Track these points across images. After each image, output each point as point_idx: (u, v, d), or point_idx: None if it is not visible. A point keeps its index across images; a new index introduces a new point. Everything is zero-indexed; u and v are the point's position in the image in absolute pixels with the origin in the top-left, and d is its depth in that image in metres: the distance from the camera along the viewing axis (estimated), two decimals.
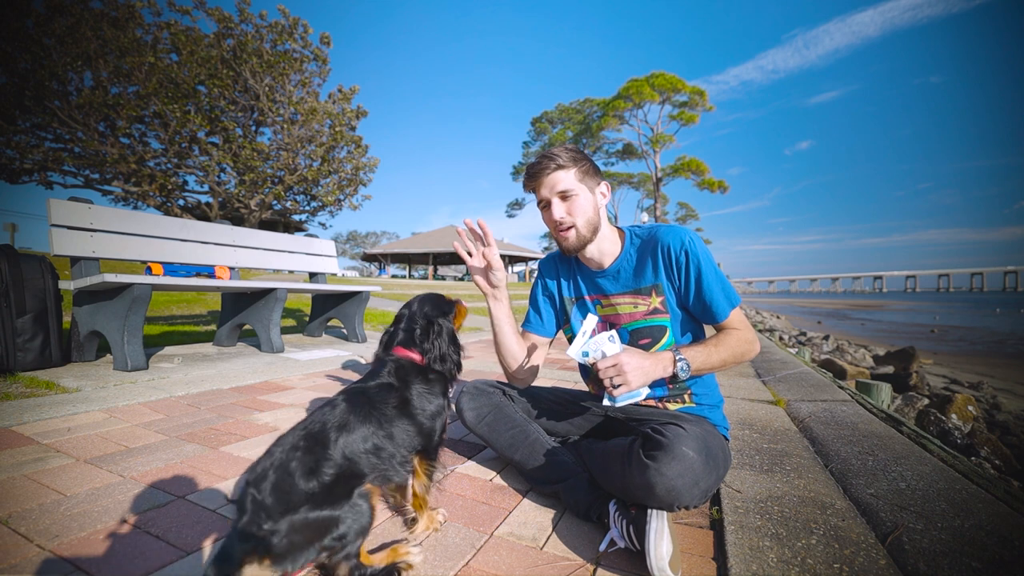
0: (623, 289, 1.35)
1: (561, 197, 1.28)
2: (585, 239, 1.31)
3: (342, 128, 18.66)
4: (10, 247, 2.63)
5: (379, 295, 10.23)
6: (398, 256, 47.57)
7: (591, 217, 1.30)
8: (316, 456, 0.86)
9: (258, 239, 4.17)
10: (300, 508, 0.80)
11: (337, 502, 0.84)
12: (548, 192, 1.29)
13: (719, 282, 1.26)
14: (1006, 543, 1.04)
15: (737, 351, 1.24)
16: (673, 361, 1.16)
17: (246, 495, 0.79)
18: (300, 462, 0.84)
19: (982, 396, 6.46)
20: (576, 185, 1.27)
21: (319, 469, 0.85)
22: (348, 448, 0.90)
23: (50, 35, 12.80)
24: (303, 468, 0.83)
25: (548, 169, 1.27)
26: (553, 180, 1.28)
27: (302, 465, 0.84)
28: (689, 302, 1.29)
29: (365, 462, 0.92)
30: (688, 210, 44.56)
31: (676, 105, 31.70)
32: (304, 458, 0.85)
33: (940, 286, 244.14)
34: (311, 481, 0.83)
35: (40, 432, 1.71)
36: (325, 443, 0.89)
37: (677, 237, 1.27)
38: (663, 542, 0.95)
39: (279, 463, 0.83)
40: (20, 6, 12.27)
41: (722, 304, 1.26)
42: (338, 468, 0.87)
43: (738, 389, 2.83)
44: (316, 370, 3.08)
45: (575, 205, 1.28)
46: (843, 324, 23.25)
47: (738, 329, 1.27)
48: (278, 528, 0.77)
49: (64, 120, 13.87)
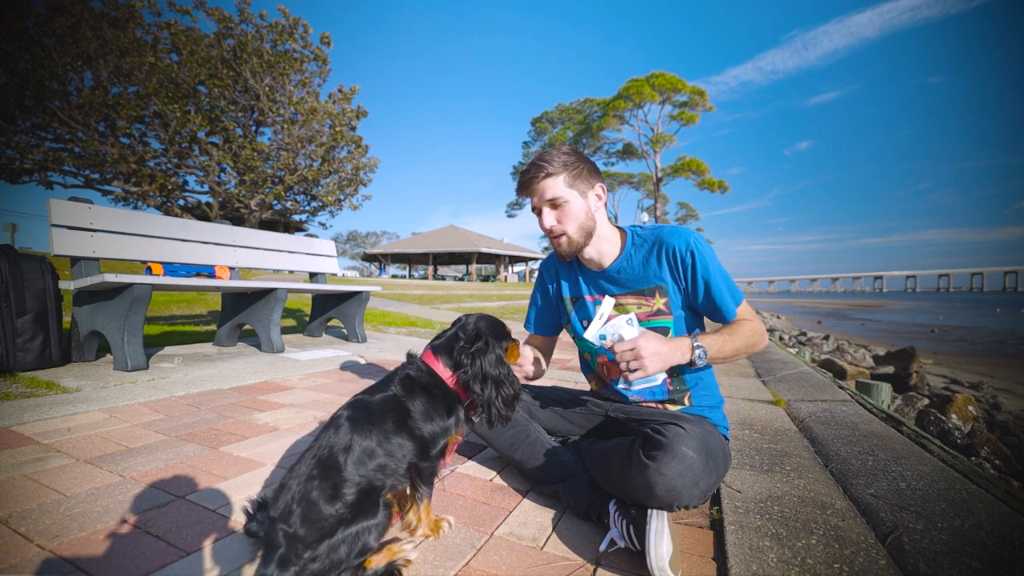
0: (625, 290, 1.35)
1: (551, 205, 1.28)
2: (578, 244, 1.31)
3: (342, 128, 18.68)
4: (10, 247, 2.63)
5: (379, 295, 10.24)
6: (398, 256, 47.58)
7: (583, 223, 1.30)
8: (332, 481, 0.90)
9: (258, 239, 4.17)
10: (336, 531, 0.86)
11: (365, 515, 0.90)
12: (538, 200, 1.30)
13: (725, 282, 1.27)
14: (1006, 543, 1.04)
15: (750, 340, 1.25)
16: (691, 347, 1.16)
17: (276, 531, 0.85)
18: (320, 490, 0.88)
19: (982, 396, 6.46)
20: (565, 192, 1.27)
21: (339, 492, 0.90)
22: (359, 469, 0.94)
23: (50, 35, 12.81)
24: (325, 495, 0.88)
25: (537, 178, 1.27)
26: (542, 188, 1.27)
27: (322, 493, 0.88)
28: (698, 303, 1.29)
29: (375, 477, 0.95)
30: (688, 210, 44.57)
31: (676, 105, 31.74)
32: (322, 485, 0.89)
33: (940, 286, 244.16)
34: (335, 504, 0.88)
35: (40, 432, 1.71)
36: (337, 467, 0.92)
37: (682, 238, 1.27)
38: (663, 542, 0.95)
39: (300, 495, 0.88)
40: (20, 6, 12.28)
41: (729, 303, 1.27)
42: (357, 487, 0.92)
43: (738, 389, 2.83)
44: (316, 370, 3.08)
45: (565, 213, 1.28)
46: (843, 324, 23.25)
47: (749, 320, 1.28)
48: (318, 553, 0.84)
49: (64, 120, 13.88)
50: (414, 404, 1.06)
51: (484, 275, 51.56)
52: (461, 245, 41.00)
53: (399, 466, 1.00)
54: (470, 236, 44.70)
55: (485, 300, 12.17)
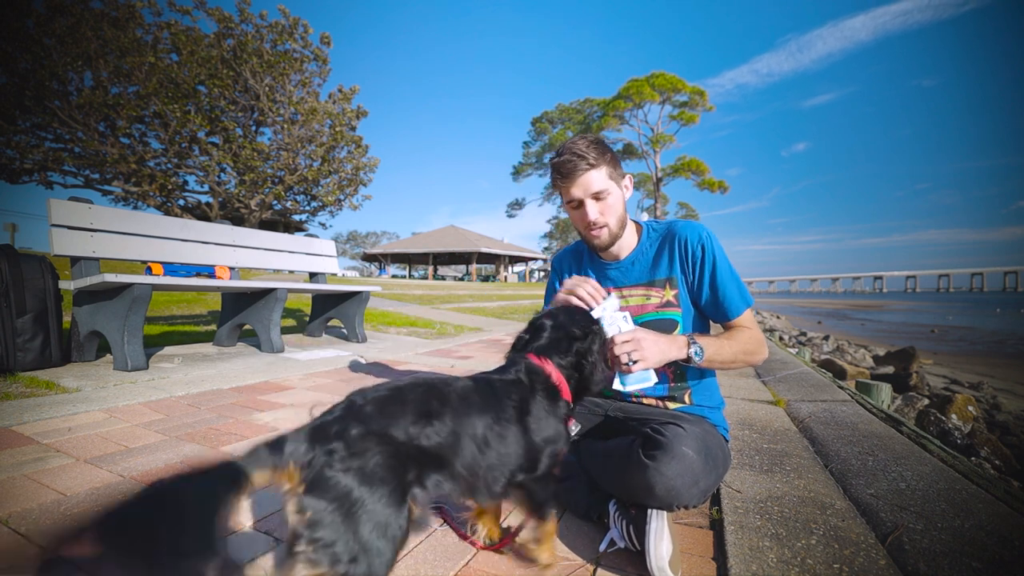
0: (636, 281, 1.35)
1: (595, 198, 1.25)
2: (616, 236, 1.31)
3: (342, 128, 18.67)
4: (10, 247, 2.63)
5: (379, 295, 10.23)
6: (398, 256, 47.59)
7: (621, 215, 1.30)
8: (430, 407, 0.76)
9: (258, 239, 4.17)
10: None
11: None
12: (582, 193, 1.25)
13: (734, 280, 1.26)
14: (1006, 543, 1.04)
15: (748, 348, 1.24)
16: (687, 343, 1.16)
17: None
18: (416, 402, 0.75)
19: (982, 396, 6.46)
20: (609, 184, 1.26)
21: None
22: (459, 424, 0.77)
23: (50, 35, 12.81)
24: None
25: (581, 169, 1.22)
26: (587, 181, 1.23)
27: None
28: (702, 297, 1.28)
29: (467, 451, 0.77)
30: (688, 210, 44.56)
31: (676, 105, 31.72)
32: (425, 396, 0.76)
33: (940, 286, 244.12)
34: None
35: (40, 432, 1.71)
36: (443, 396, 0.78)
37: (695, 231, 1.28)
38: (663, 542, 0.95)
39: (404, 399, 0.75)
40: (20, 6, 12.28)
41: (737, 301, 1.26)
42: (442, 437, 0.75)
43: (738, 389, 2.83)
44: (316, 370, 3.08)
45: (608, 205, 1.26)
46: (843, 324, 23.25)
47: (749, 328, 1.27)
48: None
49: (64, 120, 13.87)
50: (536, 398, 0.92)
51: (484, 275, 51.57)
52: (461, 245, 41.00)
53: (500, 463, 0.82)
54: (470, 236, 44.70)
55: (485, 300, 12.17)
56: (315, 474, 0.63)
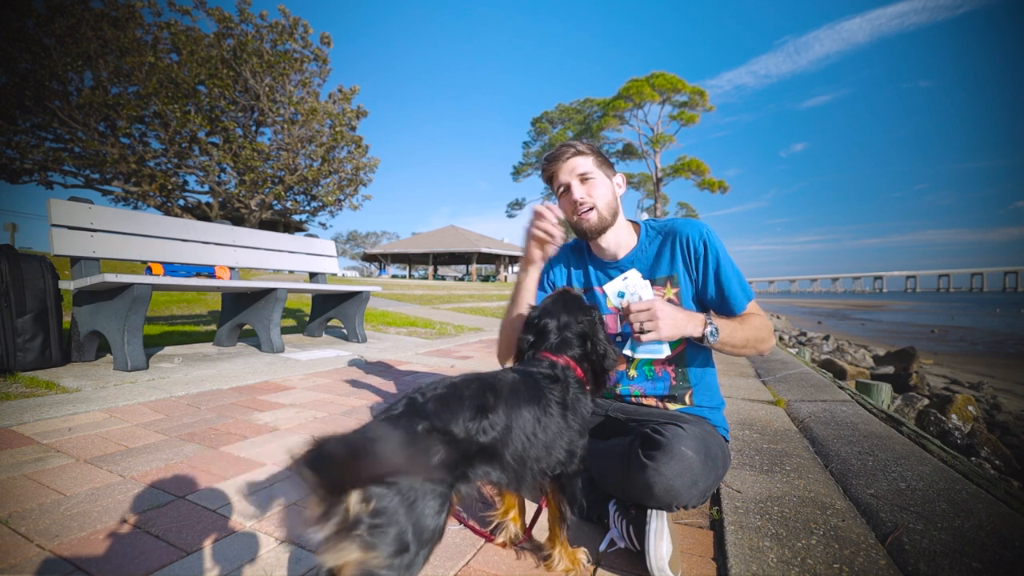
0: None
1: (580, 179, 1.30)
2: (606, 221, 1.32)
3: (342, 128, 18.68)
4: (10, 247, 2.63)
5: (379, 295, 10.23)
6: (398, 256, 47.59)
7: (610, 201, 1.32)
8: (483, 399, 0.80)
9: (258, 239, 4.17)
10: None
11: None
12: (568, 175, 1.31)
13: (736, 275, 1.27)
14: (1006, 543, 1.04)
15: (759, 334, 1.24)
16: (704, 322, 1.17)
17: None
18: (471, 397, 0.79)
19: (982, 396, 6.46)
20: (594, 169, 1.30)
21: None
22: (511, 416, 0.81)
23: (50, 35, 12.83)
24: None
25: (567, 154, 1.31)
26: (572, 164, 1.30)
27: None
28: (707, 294, 1.29)
29: (518, 440, 0.81)
30: (688, 210, 44.54)
31: (676, 105, 31.70)
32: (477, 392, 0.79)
33: (940, 286, 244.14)
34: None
35: (40, 432, 1.71)
36: (496, 390, 0.82)
37: (696, 229, 1.29)
38: (663, 542, 0.95)
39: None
40: (20, 6, 12.29)
41: (739, 296, 1.27)
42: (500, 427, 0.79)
43: (738, 389, 2.83)
44: (316, 370, 3.08)
45: (594, 187, 1.30)
46: (843, 324, 23.25)
47: (759, 315, 1.28)
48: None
49: (64, 120, 13.88)
50: (571, 391, 0.96)
51: (484, 275, 51.57)
52: (461, 245, 40.99)
53: (544, 455, 0.86)
54: (470, 236, 44.69)
55: (485, 300, 12.16)
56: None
